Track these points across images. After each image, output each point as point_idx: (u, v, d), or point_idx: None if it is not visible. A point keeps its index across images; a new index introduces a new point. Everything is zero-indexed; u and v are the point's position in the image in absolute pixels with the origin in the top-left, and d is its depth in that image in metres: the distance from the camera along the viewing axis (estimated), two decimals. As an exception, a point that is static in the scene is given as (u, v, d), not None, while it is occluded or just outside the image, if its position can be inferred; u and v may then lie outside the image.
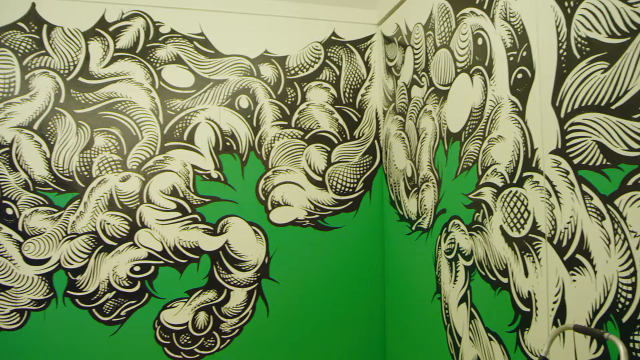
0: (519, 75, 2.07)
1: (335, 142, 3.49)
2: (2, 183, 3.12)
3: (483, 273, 2.33)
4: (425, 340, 2.93)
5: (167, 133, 3.29)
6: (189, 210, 3.29)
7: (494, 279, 2.25)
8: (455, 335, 2.58)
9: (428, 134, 2.87)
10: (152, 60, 3.30)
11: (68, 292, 3.17)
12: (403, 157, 3.21)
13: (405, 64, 3.17)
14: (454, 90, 2.60)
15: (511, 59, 2.12)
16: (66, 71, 3.21)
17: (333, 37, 3.54)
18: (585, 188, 1.71)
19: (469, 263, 2.45)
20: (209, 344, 3.32)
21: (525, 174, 2.02)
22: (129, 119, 3.25)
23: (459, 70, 2.55)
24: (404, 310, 3.24)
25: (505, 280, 2.16)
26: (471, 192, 2.42)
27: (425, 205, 2.93)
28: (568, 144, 1.79)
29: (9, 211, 3.12)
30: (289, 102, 3.43)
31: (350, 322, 3.48)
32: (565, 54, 1.80)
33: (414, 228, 3.09)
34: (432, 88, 2.81)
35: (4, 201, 3.12)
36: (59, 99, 3.20)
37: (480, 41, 2.36)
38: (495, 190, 2.22)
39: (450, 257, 2.64)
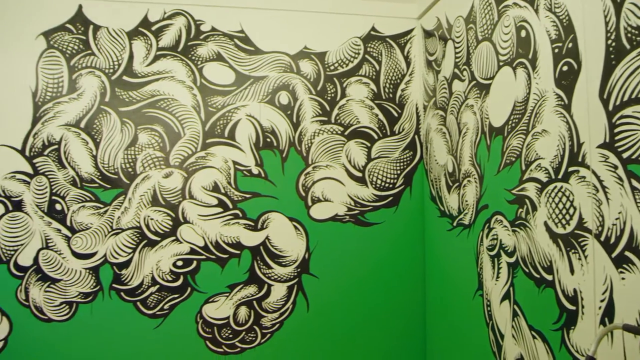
0: (565, 68, 2.01)
1: (375, 137, 3.47)
2: (51, 180, 3.22)
3: (526, 270, 2.28)
4: (466, 337, 2.89)
5: (209, 130, 3.33)
6: (230, 206, 3.33)
7: (537, 276, 2.19)
8: (497, 332, 2.53)
9: (470, 128, 2.82)
10: (193, 58, 3.35)
11: (114, 285, 3.25)
12: (444, 152, 3.16)
13: (446, 57, 3.13)
14: (496, 84, 2.55)
15: (556, 50, 2.06)
16: (111, 70, 3.29)
17: (372, 32, 3.52)
18: (635, 183, 1.65)
19: (512, 259, 2.40)
20: (250, 338, 3.35)
21: (571, 169, 1.96)
22: (172, 116, 3.31)
23: (501, 64, 2.50)
24: (444, 307, 3.20)
25: (549, 277, 2.11)
26: (514, 188, 2.37)
27: (466, 201, 2.88)
28: (617, 138, 1.73)
29: (58, 207, 3.22)
30: (329, 98, 3.43)
31: (390, 319, 3.46)
32: (613, 44, 1.74)
33: (455, 224, 3.04)
34: (474, 82, 2.77)
35: (54, 197, 3.22)
36: (104, 97, 3.28)
37: (523, 33, 2.31)
38: (540, 186, 2.16)
39: (492, 253, 2.59)
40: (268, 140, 3.37)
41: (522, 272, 2.30)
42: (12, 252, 3.18)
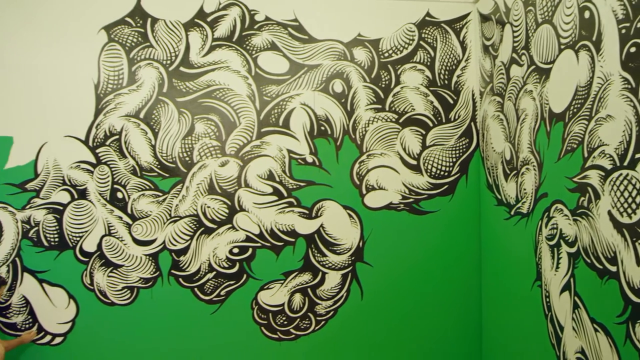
0: (632, 49, 1.91)
1: (430, 124, 3.42)
2: (113, 169, 3.33)
3: (588, 260, 2.20)
4: (524, 328, 2.82)
5: (264, 118, 3.37)
6: (285, 194, 3.36)
7: (600, 267, 2.11)
8: (556, 324, 2.46)
9: (528, 114, 2.74)
10: (248, 47, 3.38)
11: (172, 271, 3.34)
12: (501, 140, 3.09)
13: (504, 42, 3.04)
14: (557, 68, 2.46)
15: (623, 31, 1.96)
16: (168, 61, 3.37)
17: (427, 18, 3.46)
18: None
19: (573, 250, 2.32)
20: (305, 325, 3.38)
21: (638, 156, 1.87)
22: (227, 106, 3.36)
23: (562, 47, 2.41)
24: (501, 297, 3.14)
25: (613, 268, 2.02)
26: (576, 176, 2.28)
27: (525, 189, 2.80)
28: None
29: (119, 195, 3.33)
30: (383, 85, 3.40)
31: (444, 308, 3.42)
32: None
33: (512, 213, 2.97)
34: (533, 66, 2.68)
35: (115, 186, 3.33)
36: (162, 88, 3.36)
37: (587, 14, 2.21)
38: (603, 173, 2.07)
39: (552, 243, 2.51)
40: (322, 128, 3.38)
41: (584, 262, 2.22)
42: (78, 239, 3.32)
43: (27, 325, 3.29)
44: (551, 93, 2.50)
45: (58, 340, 3.31)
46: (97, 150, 3.33)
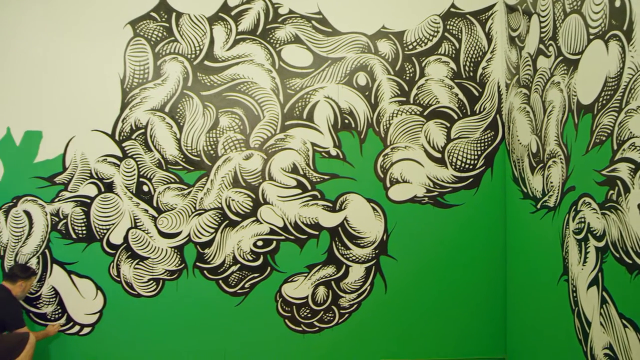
0: None
1: (455, 117, 3.39)
2: (139, 162, 3.37)
3: (617, 255, 2.15)
4: (550, 323, 2.78)
5: (287, 112, 3.37)
6: (309, 187, 3.36)
7: (630, 261, 2.06)
8: (584, 319, 2.42)
9: (555, 106, 2.70)
10: (272, 41, 3.39)
11: (197, 264, 3.38)
12: (528, 132, 3.05)
13: (531, 33, 3.00)
14: (585, 59, 2.41)
15: None
16: (193, 55, 3.39)
17: (452, 9, 3.42)
18: None
19: (601, 244, 2.28)
20: (328, 318, 3.39)
21: None
22: (251, 99, 3.38)
23: (591, 37, 2.36)
24: (526, 292, 3.10)
25: None
26: (604, 169, 2.24)
27: (551, 182, 2.76)
28: None
29: (145, 188, 3.37)
30: (407, 78, 3.38)
31: (469, 303, 3.40)
32: None
33: (539, 206, 2.93)
34: (561, 57, 2.63)
35: (141, 179, 3.37)
36: (187, 82, 3.39)
37: (617, 3, 2.16)
38: (634, 166, 2.02)
39: (579, 237, 2.47)
40: (346, 121, 3.37)
41: (613, 257, 2.18)
42: (105, 231, 3.37)
43: (56, 316, 3.36)
44: (579, 84, 2.46)
45: (86, 330, 3.38)
46: (124, 144, 3.38)
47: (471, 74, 3.39)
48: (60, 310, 3.38)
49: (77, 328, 3.38)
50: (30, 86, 3.39)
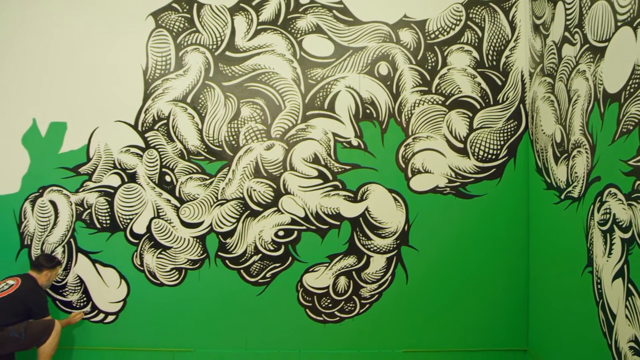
0: None
1: (478, 107, 3.36)
2: (161, 153, 3.40)
3: None
4: (573, 315, 2.75)
5: (309, 102, 3.37)
6: (330, 178, 3.36)
7: None
8: (608, 312, 2.39)
9: (581, 95, 2.65)
10: (293, 31, 3.38)
11: (219, 253, 3.40)
12: (552, 122, 3.01)
13: (555, 20, 2.95)
14: (612, 47, 2.37)
15: None
16: (214, 46, 3.40)
17: (475, -3, 3.39)
18: None
19: (627, 235, 2.24)
20: (349, 308, 3.40)
21: None
22: (273, 90, 3.38)
23: (619, 24, 2.31)
24: (549, 283, 3.07)
25: None
26: (631, 159, 2.20)
27: (576, 173, 2.73)
28: None
29: (167, 178, 3.40)
30: (429, 67, 3.36)
31: (491, 294, 3.37)
32: None
33: (562, 197, 2.89)
34: (587, 45, 2.59)
35: (163, 169, 3.41)
36: (208, 72, 3.40)
37: None
38: None
39: (604, 228, 2.44)
40: (367, 111, 3.36)
41: (639, 248, 2.15)
42: (128, 221, 3.41)
43: (82, 304, 3.42)
44: (606, 73, 2.42)
45: (111, 318, 3.43)
46: (146, 135, 3.41)
47: (494, 62, 3.35)
48: (85, 299, 3.43)
49: (101, 316, 3.44)
50: (55, 78, 3.43)
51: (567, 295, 2.82)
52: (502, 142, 3.36)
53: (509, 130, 3.37)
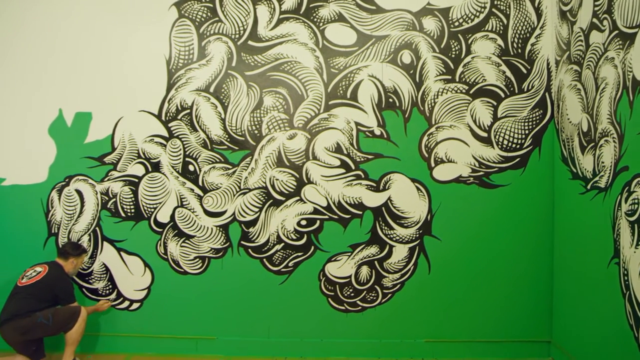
0: None
1: (502, 95, 3.31)
2: (185, 142, 3.43)
3: None
4: (599, 307, 2.72)
5: (331, 91, 3.36)
6: (353, 167, 3.36)
7: None
8: (635, 304, 2.35)
9: (609, 83, 2.60)
10: (315, 20, 3.37)
11: (242, 242, 3.43)
12: (578, 110, 2.96)
13: (583, 6, 2.89)
14: (643, 33, 2.32)
15: None
16: (237, 36, 3.41)
17: (500, -16, 3.34)
18: None
19: None
20: (371, 297, 3.40)
21: None
22: (295, 79, 3.38)
23: (650, 9, 2.26)
24: (575, 275, 3.03)
25: None
26: None
27: (603, 162, 2.68)
28: None
29: (190, 168, 3.43)
30: (453, 56, 3.32)
31: (514, 284, 3.35)
32: None
33: (589, 187, 2.85)
34: (616, 32, 2.53)
35: (187, 159, 3.43)
36: (231, 62, 3.41)
37: None
38: None
39: (632, 219, 2.40)
40: (390, 100, 3.34)
41: None
42: (152, 210, 3.45)
43: (107, 291, 3.48)
44: (635, 60, 2.37)
45: (135, 305, 3.48)
46: (170, 124, 3.43)
47: (519, 50, 3.31)
48: (110, 286, 3.49)
49: (126, 303, 3.49)
50: (80, 69, 3.47)
51: (593, 287, 2.79)
52: (526, 131, 3.32)
53: (534, 119, 3.32)
